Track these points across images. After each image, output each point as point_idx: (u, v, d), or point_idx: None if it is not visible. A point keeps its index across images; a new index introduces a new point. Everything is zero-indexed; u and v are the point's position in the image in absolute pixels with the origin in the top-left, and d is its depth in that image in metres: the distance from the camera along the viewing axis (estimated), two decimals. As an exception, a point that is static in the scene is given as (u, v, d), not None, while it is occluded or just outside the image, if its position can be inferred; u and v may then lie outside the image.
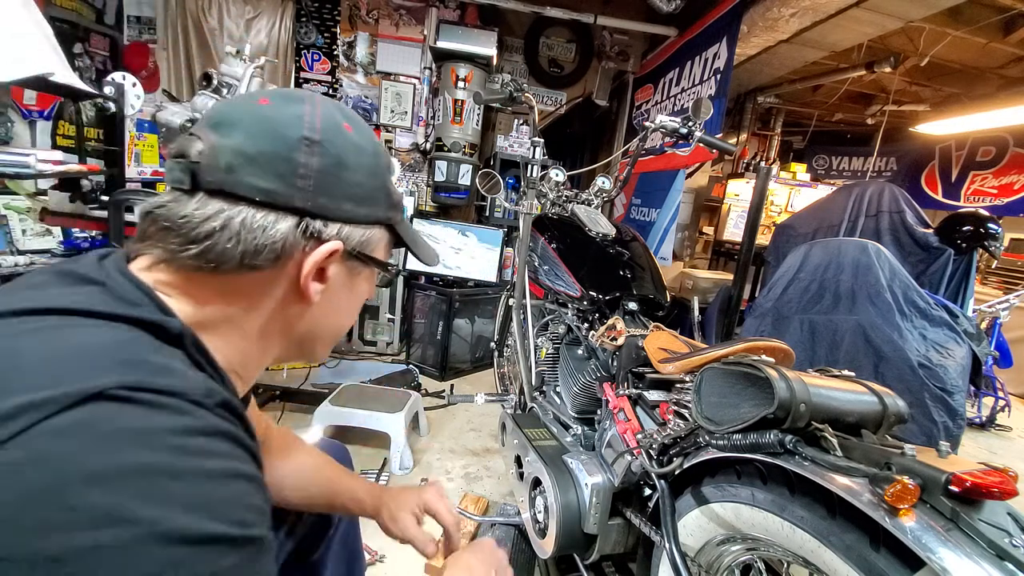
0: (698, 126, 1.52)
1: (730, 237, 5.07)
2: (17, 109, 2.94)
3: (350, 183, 0.48)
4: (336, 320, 0.56)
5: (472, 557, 0.68)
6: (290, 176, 0.44)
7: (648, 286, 1.43)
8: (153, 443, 0.31)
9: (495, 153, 3.76)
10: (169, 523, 0.29)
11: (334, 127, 0.47)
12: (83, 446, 0.29)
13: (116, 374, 0.32)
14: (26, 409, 0.29)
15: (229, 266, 0.43)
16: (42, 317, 0.35)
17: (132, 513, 0.28)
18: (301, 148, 0.44)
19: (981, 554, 0.54)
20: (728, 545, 0.90)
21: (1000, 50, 3.46)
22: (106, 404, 0.30)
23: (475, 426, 2.39)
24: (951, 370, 2.06)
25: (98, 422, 0.30)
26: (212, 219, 0.42)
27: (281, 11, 3.80)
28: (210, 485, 0.32)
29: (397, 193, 0.56)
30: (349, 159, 0.48)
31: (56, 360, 0.32)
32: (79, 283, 0.39)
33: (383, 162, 0.52)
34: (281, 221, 0.44)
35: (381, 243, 0.54)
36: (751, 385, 0.79)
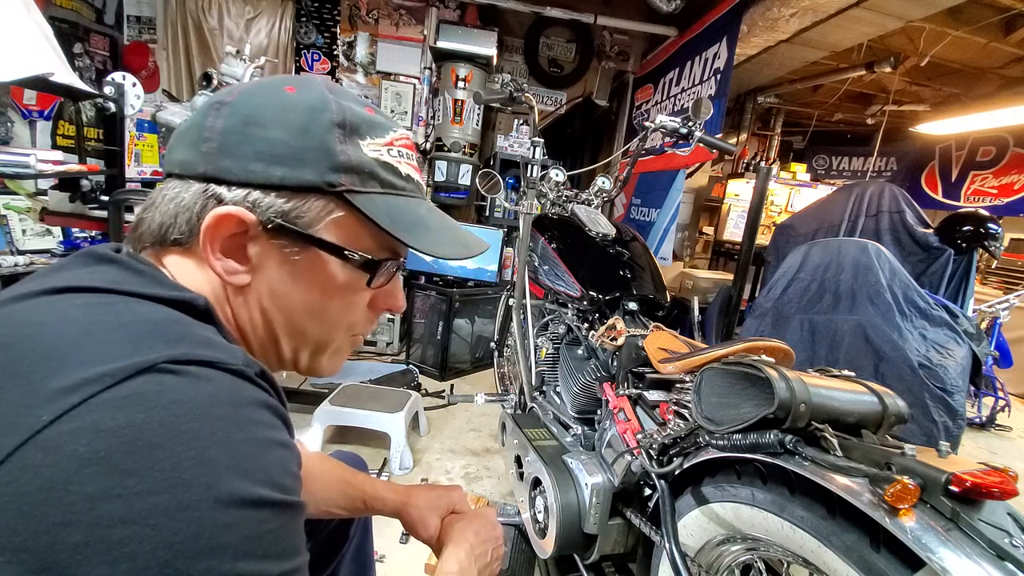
0: (698, 126, 1.52)
1: (730, 237, 5.07)
2: (17, 109, 2.94)
3: (263, 140, 0.42)
4: (289, 317, 0.47)
5: (470, 529, 0.67)
6: (197, 142, 0.42)
7: (648, 286, 1.43)
8: (203, 413, 0.32)
9: (495, 153, 3.76)
10: (222, 487, 0.31)
11: (262, 89, 0.44)
12: (141, 417, 0.30)
13: (164, 348, 0.33)
14: (83, 383, 0.30)
15: (156, 237, 0.43)
16: (79, 295, 0.36)
17: (188, 478, 0.30)
18: (210, 111, 0.43)
19: (981, 554, 0.54)
20: (728, 545, 0.90)
21: (1000, 50, 3.46)
22: (158, 376, 0.32)
23: (475, 426, 2.39)
24: (951, 370, 2.06)
25: (151, 393, 0.31)
26: (150, 198, 0.44)
27: (281, 11, 3.80)
28: (256, 452, 0.34)
29: (359, 155, 0.45)
30: (264, 116, 0.42)
31: (105, 335, 0.33)
32: (102, 263, 0.40)
33: (325, 118, 0.43)
34: (188, 189, 0.42)
35: (327, 219, 0.44)
36: (751, 385, 0.79)
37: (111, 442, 0.29)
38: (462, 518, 0.70)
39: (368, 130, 0.46)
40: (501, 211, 3.70)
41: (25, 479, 0.27)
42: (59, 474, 0.28)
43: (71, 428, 0.28)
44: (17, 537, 0.26)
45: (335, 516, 0.77)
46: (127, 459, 0.29)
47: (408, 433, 2.00)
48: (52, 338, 0.32)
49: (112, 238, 1.77)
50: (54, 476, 0.27)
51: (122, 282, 0.37)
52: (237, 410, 0.34)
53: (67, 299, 0.35)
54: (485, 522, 0.69)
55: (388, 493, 0.76)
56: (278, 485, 0.34)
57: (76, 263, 0.40)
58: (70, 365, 0.30)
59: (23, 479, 0.27)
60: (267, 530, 0.32)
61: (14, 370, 0.31)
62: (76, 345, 0.32)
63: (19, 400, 0.29)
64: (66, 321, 0.34)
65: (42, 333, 0.33)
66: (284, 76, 0.48)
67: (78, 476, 0.28)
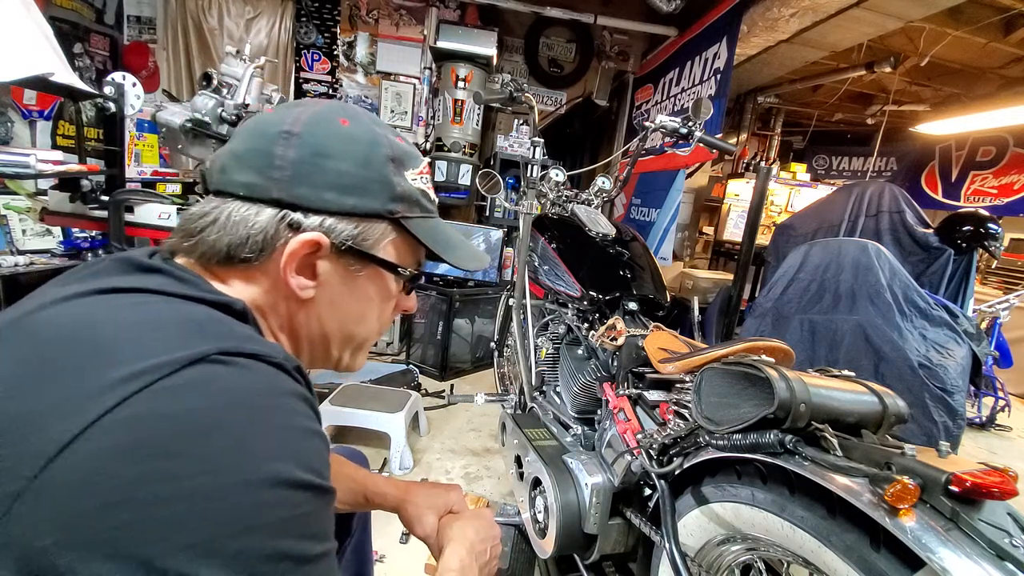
0: (698, 126, 1.52)
1: (730, 237, 5.07)
2: (17, 109, 2.94)
3: (334, 172, 0.47)
4: (342, 324, 0.53)
5: (470, 527, 0.68)
6: (267, 168, 0.45)
7: (648, 286, 1.43)
8: (250, 401, 0.35)
9: (495, 153, 3.75)
10: (266, 470, 0.33)
11: (322, 120, 0.48)
12: (195, 403, 0.33)
13: (214, 341, 0.36)
14: (141, 372, 0.32)
15: (220, 257, 0.45)
16: (126, 295, 0.39)
17: (234, 460, 0.32)
18: (279, 141, 0.46)
19: (981, 554, 0.54)
20: (728, 545, 0.90)
21: (1000, 50, 3.46)
22: (210, 366, 0.35)
23: (475, 426, 2.39)
24: (951, 370, 2.06)
25: (204, 382, 0.34)
26: (207, 215, 0.46)
27: (281, 11, 3.80)
28: (297, 440, 0.37)
29: (408, 186, 0.52)
30: (333, 148, 0.47)
31: (156, 331, 0.36)
32: (141, 271, 0.42)
33: (382, 151, 0.50)
34: (261, 213, 0.45)
35: (385, 240, 0.51)
36: (751, 385, 0.79)
37: (168, 427, 0.31)
38: (460, 517, 0.72)
39: (408, 162, 0.52)
40: (501, 211, 3.70)
41: (85, 461, 0.30)
42: (116, 456, 0.30)
43: (131, 413, 0.31)
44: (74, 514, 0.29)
45: (337, 510, 0.77)
46: (181, 443, 0.31)
47: (408, 433, 2.00)
48: (107, 333, 0.35)
49: (112, 238, 1.77)
50: (111, 458, 0.30)
51: (165, 286, 0.40)
52: (279, 399, 0.37)
53: (115, 299, 0.38)
54: (483, 522, 0.71)
55: (389, 488, 0.78)
56: (315, 470, 0.36)
57: (115, 268, 0.42)
58: (126, 357, 0.33)
59: (84, 461, 0.29)
60: (304, 512, 0.35)
61: (74, 362, 0.33)
62: (130, 340, 0.35)
63: (81, 389, 0.32)
64: (118, 318, 0.37)
65: (97, 329, 0.35)
66: (332, 105, 0.51)
67: (132, 458, 0.30)
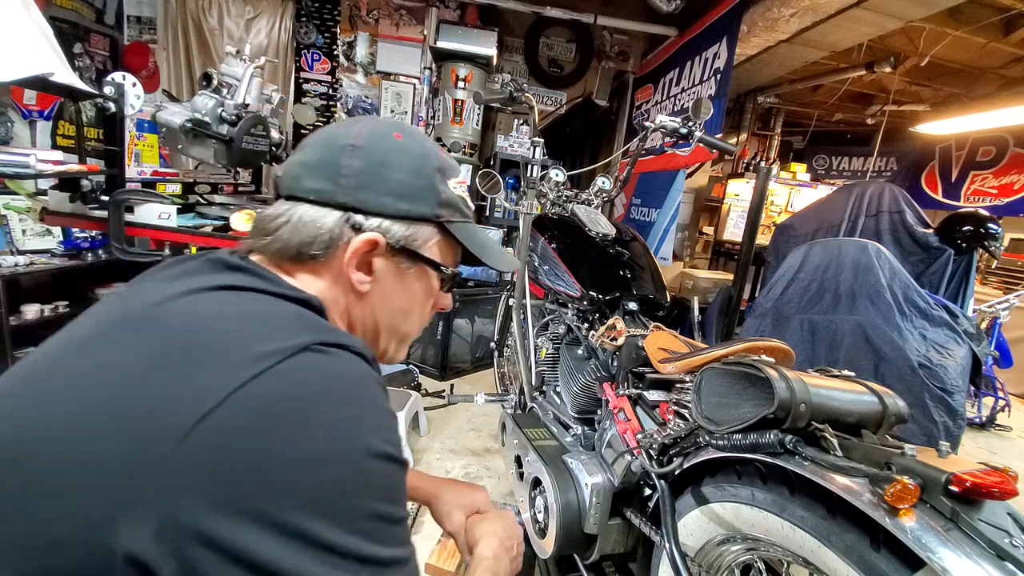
0: (698, 126, 1.52)
1: (730, 237, 5.07)
2: (17, 109, 2.94)
3: (392, 180, 0.53)
4: (392, 317, 0.59)
5: (498, 525, 0.73)
6: (336, 176, 0.52)
7: (648, 286, 1.43)
8: (346, 384, 0.42)
9: (495, 153, 3.75)
10: (367, 443, 0.40)
11: (381, 134, 0.55)
12: (305, 385, 0.39)
13: (312, 334, 0.42)
14: (261, 357, 0.38)
15: (291, 254, 0.51)
16: (230, 292, 0.45)
17: (343, 433, 0.39)
18: (345, 152, 0.52)
19: (981, 554, 0.54)
20: (728, 545, 0.90)
21: (1000, 50, 3.46)
22: (311, 355, 0.40)
23: (475, 426, 2.39)
24: (951, 370, 2.06)
25: (309, 367, 0.40)
26: (281, 216, 0.52)
27: (281, 11, 3.80)
28: (384, 419, 0.43)
29: (451, 194, 0.58)
30: (391, 159, 0.54)
31: (264, 323, 0.42)
32: (229, 269, 0.48)
33: (431, 164, 0.56)
34: (328, 215, 0.51)
35: (431, 242, 0.57)
36: (751, 385, 0.79)
37: (286, 403, 0.37)
38: (487, 517, 0.76)
39: (451, 172, 0.59)
40: (501, 211, 3.70)
41: (219, 430, 0.35)
42: (245, 427, 0.35)
43: (256, 392, 0.37)
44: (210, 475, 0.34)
45: None
46: (299, 417, 0.37)
47: (408, 433, 2.00)
48: (226, 326, 0.41)
49: (112, 238, 1.77)
50: (241, 428, 0.35)
51: (254, 283, 0.46)
52: (366, 384, 0.43)
53: (222, 295, 0.44)
54: (508, 522, 0.76)
55: (420, 483, 0.82)
56: (395, 445, 0.42)
57: (209, 268, 0.48)
58: (246, 344, 0.39)
59: (218, 430, 0.35)
60: (394, 480, 0.42)
61: (201, 348, 0.39)
62: (245, 331, 0.41)
63: (212, 371, 0.37)
64: (231, 313, 0.43)
65: (217, 322, 0.41)
66: (388, 122, 0.58)
67: (260, 427, 0.36)
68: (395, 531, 0.40)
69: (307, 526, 0.35)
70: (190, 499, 0.33)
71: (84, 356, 0.40)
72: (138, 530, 0.32)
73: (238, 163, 2.08)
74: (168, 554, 0.32)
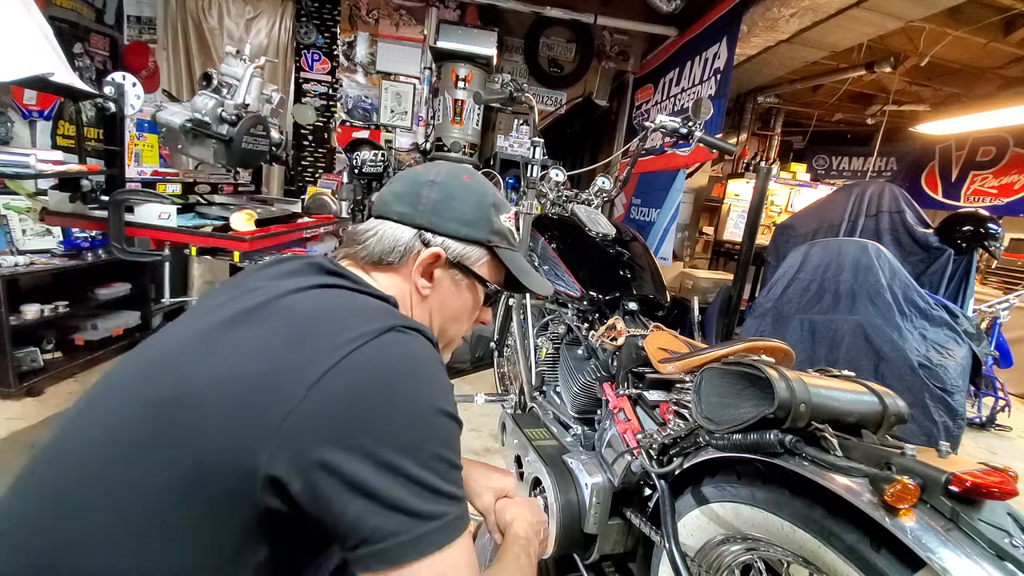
0: (698, 126, 1.52)
1: (730, 237, 5.07)
2: (17, 109, 2.94)
3: (457, 210, 0.69)
4: (444, 320, 0.72)
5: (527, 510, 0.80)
6: (416, 203, 0.68)
7: (648, 286, 1.43)
8: (422, 358, 0.54)
9: (495, 153, 3.75)
10: (438, 402, 0.52)
11: (454, 175, 0.72)
12: (392, 355, 0.52)
13: (395, 319, 0.55)
14: (360, 335, 0.50)
15: (374, 259, 0.67)
16: (331, 290, 0.59)
17: (421, 393, 0.51)
18: (425, 186, 0.69)
19: (981, 554, 0.54)
20: (728, 545, 0.90)
21: (1000, 50, 3.46)
22: (396, 334, 0.53)
23: (475, 426, 2.39)
24: (951, 370, 2.06)
25: (396, 343, 0.53)
26: (371, 230, 0.68)
27: (281, 11, 3.80)
28: (446, 386, 0.55)
29: (501, 225, 0.73)
30: (458, 194, 0.70)
31: (361, 312, 0.56)
32: (328, 273, 0.62)
33: (489, 200, 0.72)
34: (406, 232, 0.67)
35: (481, 261, 0.72)
36: (751, 385, 0.79)
37: (380, 368, 0.50)
38: (517, 502, 0.84)
39: (503, 208, 0.75)
40: (501, 211, 3.69)
41: (332, 387, 0.47)
42: (350, 385, 0.48)
43: (357, 360, 0.49)
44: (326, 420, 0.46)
45: None
46: (389, 378, 0.50)
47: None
48: (335, 314, 0.55)
49: (112, 238, 1.76)
50: (347, 386, 0.48)
51: (348, 284, 0.60)
52: (433, 358, 0.56)
53: (325, 292, 0.58)
54: (535, 507, 0.84)
55: None
56: (455, 407, 0.54)
57: (310, 270, 0.61)
58: (349, 327, 0.51)
59: (331, 387, 0.47)
60: (453, 433, 0.54)
61: (317, 329, 0.52)
62: (348, 317, 0.54)
63: (326, 345, 0.49)
64: (338, 304, 0.57)
65: (327, 311, 0.55)
66: (459, 167, 0.74)
67: (363, 385, 0.49)
68: (454, 473, 0.51)
69: (393, 459, 0.47)
70: (313, 436, 0.46)
71: (227, 335, 0.52)
72: (276, 458, 0.45)
73: (238, 163, 2.07)
74: (296, 475, 0.45)
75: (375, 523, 0.45)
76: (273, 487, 0.46)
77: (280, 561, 0.51)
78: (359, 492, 0.45)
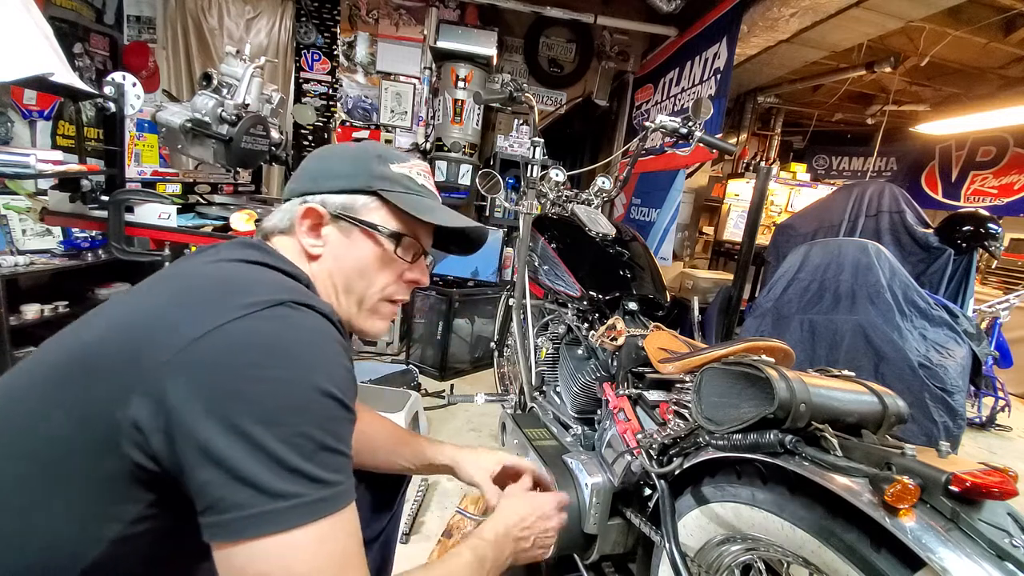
0: (698, 126, 1.52)
1: (730, 237, 5.07)
2: (17, 109, 2.94)
3: (333, 169, 0.70)
4: (346, 277, 0.70)
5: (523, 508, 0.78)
6: (299, 177, 0.72)
7: (648, 286, 1.43)
8: (308, 334, 0.53)
9: (495, 153, 3.75)
10: (315, 380, 0.49)
11: (339, 146, 0.76)
12: (277, 327, 0.51)
13: (291, 294, 0.54)
14: (251, 304, 0.50)
15: (268, 231, 0.70)
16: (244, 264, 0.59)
17: (299, 368, 0.49)
18: (308, 159, 0.74)
19: (981, 554, 0.54)
20: (728, 545, 0.90)
21: (1000, 50, 3.45)
22: (286, 308, 0.52)
23: (475, 426, 2.39)
24: (951, 370, 2.06)
25: (283, 316, 0.52)
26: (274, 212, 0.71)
27: (281, 11, 3.79)
28: (336, 368, 0.52)
29: (389, 171, 0.70)
30: (334, 157, 0.73)
31: (261, 284, 0.55)
32: (250, 247, 0.63)
33: (370, 154, 0.71)
34: (291, 202, 0.70)
35: (369, 207, 0.69)
36: (751, 385, 0.79)
37: (260, 337, 0.49)
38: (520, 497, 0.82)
39: (395, 159, 0.72)
40: (501, 211, 3.70)
41: (211, 346, 0.47)
42: (229, 348, 0.48)
43: (242, 326, 0.49)
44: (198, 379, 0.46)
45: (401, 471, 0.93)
46: (266, 349, 0.49)
47: (408, 433, 1.99)
48: (231, 283, 0.54)
49: (112, 238, 1.77)
50: (226, 349, 0.48)
51: (263, 258, 0.61)
52: (324, 337, 0.54)
53: (237, 265, 0.59)
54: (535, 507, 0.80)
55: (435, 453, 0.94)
56: (341, 390, 0.51)
57: (236, 246, 0.63)
58: (241, 296, 0.51)
59: (210, 346, 0.47)
60: (333, 416, 0.50)
61: (209, 295, 0.52)
62: (245, 286, 0.54)
63: (216, 308, 0.50)
64: (236, 275, 0.57)
65: (224, 279, 0.55)
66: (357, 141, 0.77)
67: (239, 352, 0.48)
68: (327, 457, 0.48)
69: (251, 430, 0.45)
70: (177, 393, 0.45)
71: (133, 295, 0.56)
72: (142, 407, 0.46)
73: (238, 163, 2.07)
74: (157, 428, 0.46)
75: (220, 492, 0.44)
76: (136, 438, 0.46)
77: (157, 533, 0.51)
78: (210, 458, 0.44)
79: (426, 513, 1.70)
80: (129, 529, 0.49)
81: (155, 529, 0.51)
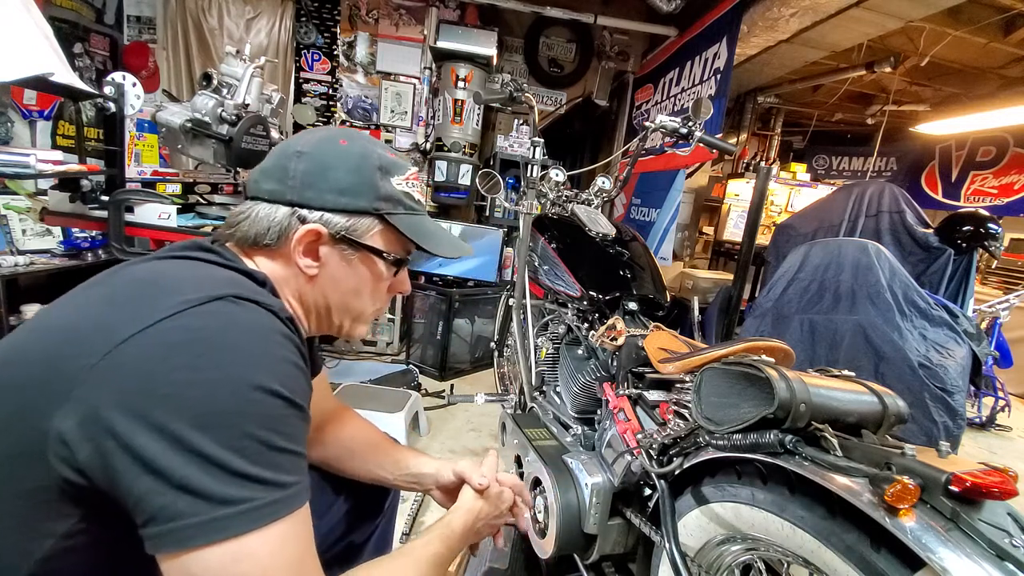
0: (698, 126, 1.52)
1: (730, 237, 5.07)
2: (17, 109, 2.94)
3: (332, 179, 0.62)
4: (342, 297, 0.67)
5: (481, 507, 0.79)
6: (284, 178, 0.62)
7: (648, 286, 1.43)
8: (248, 329, 0.50)
9: (495, 153, 3.75)
10: (253, 377, 0.47)
11: (327, 141, 0.64)
12: (212, 323, 0.48)
13: (232, 289, 0.51)
14: (184, 302, 0.47)
15: (250, 242, 0.62)
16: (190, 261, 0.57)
17: (234, 366, 0.46)
18: (292, 158, 0.63)
19: (981, 554, 0.54)
20: (728, 545, 0.90)
21: (1000, 50, 3.45)
22: (224, 303, 0.49)
23: (475, 426, 2.39)
24: (951, 370, 2.06)
25: (220, 312, 0.49)
26: (243, 212, 0.63)
27: (281, 11, 3.79)
28: (278, 363, 0.50)
29: (392, 189, 0.66)
30: (332, 161, 0.63)
31: (199, 280, 0.52)
32: (202, 250, 0.59)
33: (371, 163, 0.65)
34: (279, 211, 0.62)
35: (373, 231, 0.65)
36: (751, 385, 0.79)
37: (193, 335, 0.46)
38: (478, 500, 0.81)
39: (394, 170, 0.67)
40: (501, 211, 3.70)
41: (139, 349, 0.44)
42: (159, 349, 0.45)
43: (172, 324, 0.46)
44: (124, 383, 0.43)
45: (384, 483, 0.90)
46: (200, 347, 0.46)
47: (408, 433, 2.00)
48: (168, 280, 0.51)
49: (112, 238, 1.77)
50: (155, 349, 0.45)
51: (213, 259, 0.58)
52: (268, 333, 0.51)
53: (180, 262, 0.57)
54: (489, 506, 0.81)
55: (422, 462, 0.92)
56: (288, 387, 0.48)
57: (185, 247, 0.60)
58: (176, 293, 0.48)
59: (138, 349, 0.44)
60: (279, 414, 0.48)
61: (140, 293, 0.50)
62: (181, 284, 0.50)
63: (145, 308, 0.47)
64: (176, 273, 0.54)
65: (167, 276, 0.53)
66: (337, 130, 0.69)
67: (170, 352, 0.45)
68: (274, 457, 0.46)
69: (187, 435, 0.42)
70: (104, 400, 0.43)
71: (64, 300, 0.53)
72: (67, 418, 0.43)
73: (238, 163, 2.08)
74: (85, 439, 0.43)
75: (161, 502, 0.42)
76: (62, 451, 0.43)
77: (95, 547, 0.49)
78: (146, 468, 0.42)
79: (426, 513, 1.70)
80: (63, 543, 0.47)
81: (92, 543, 0.49)
